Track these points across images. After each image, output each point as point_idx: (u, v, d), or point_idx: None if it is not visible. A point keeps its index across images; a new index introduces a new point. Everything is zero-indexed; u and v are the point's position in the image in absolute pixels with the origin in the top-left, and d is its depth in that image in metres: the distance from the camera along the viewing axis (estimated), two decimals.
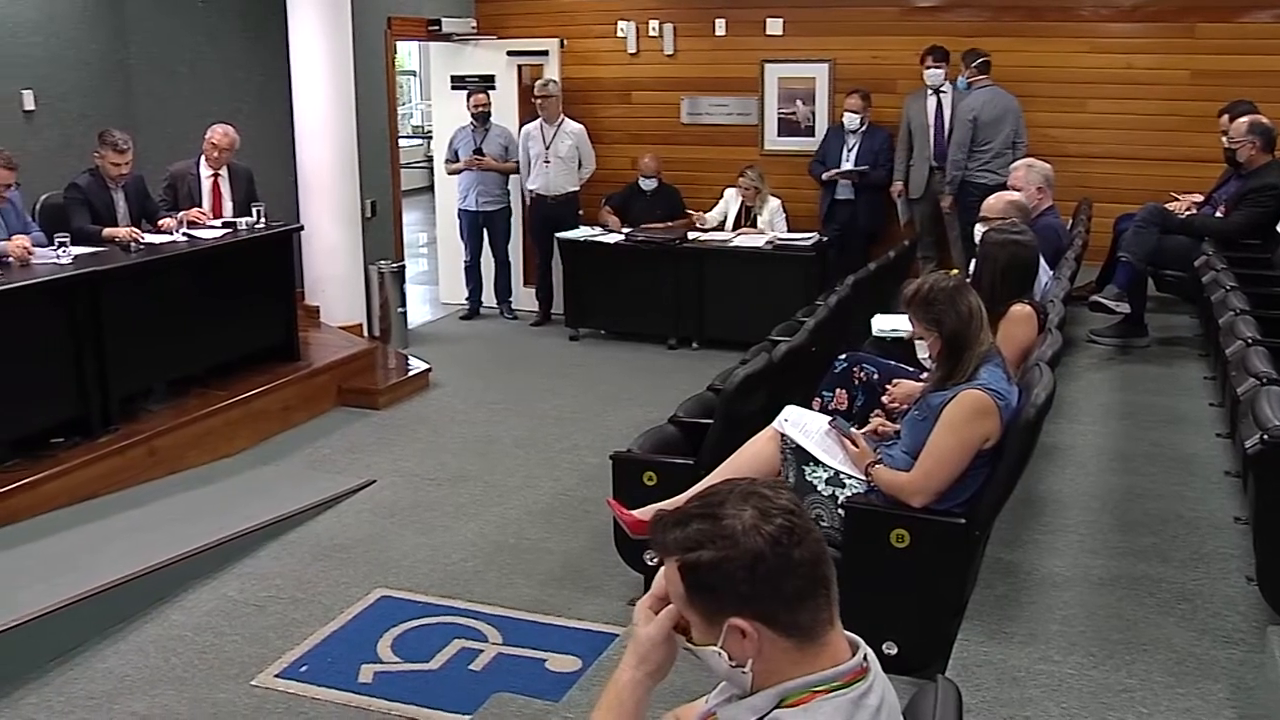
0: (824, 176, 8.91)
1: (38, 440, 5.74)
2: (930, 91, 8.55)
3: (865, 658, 1.77)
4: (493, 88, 9.77)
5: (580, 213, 9.42)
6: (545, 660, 4.43)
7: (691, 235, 8.87)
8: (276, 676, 4.33)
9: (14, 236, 6.11)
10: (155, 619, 4.76)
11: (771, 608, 1.70)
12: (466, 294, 9.88)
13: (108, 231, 6.53)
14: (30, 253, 6.02)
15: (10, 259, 5.95)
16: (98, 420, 5.96)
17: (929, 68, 8.45)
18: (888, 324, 5.61)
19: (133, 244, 6.41)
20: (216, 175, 7.37)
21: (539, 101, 9.26)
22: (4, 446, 5.64)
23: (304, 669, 4.38)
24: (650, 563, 4.55)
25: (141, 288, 6.25)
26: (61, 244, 6.06)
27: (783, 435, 3.90)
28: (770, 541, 1.68)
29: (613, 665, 3.62)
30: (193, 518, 5.57)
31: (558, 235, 9.15)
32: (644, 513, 3.80)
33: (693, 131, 9.74)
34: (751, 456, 3.92)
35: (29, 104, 7.66)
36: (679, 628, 1.82)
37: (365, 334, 8.40)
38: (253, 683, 4.29)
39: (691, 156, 9.64)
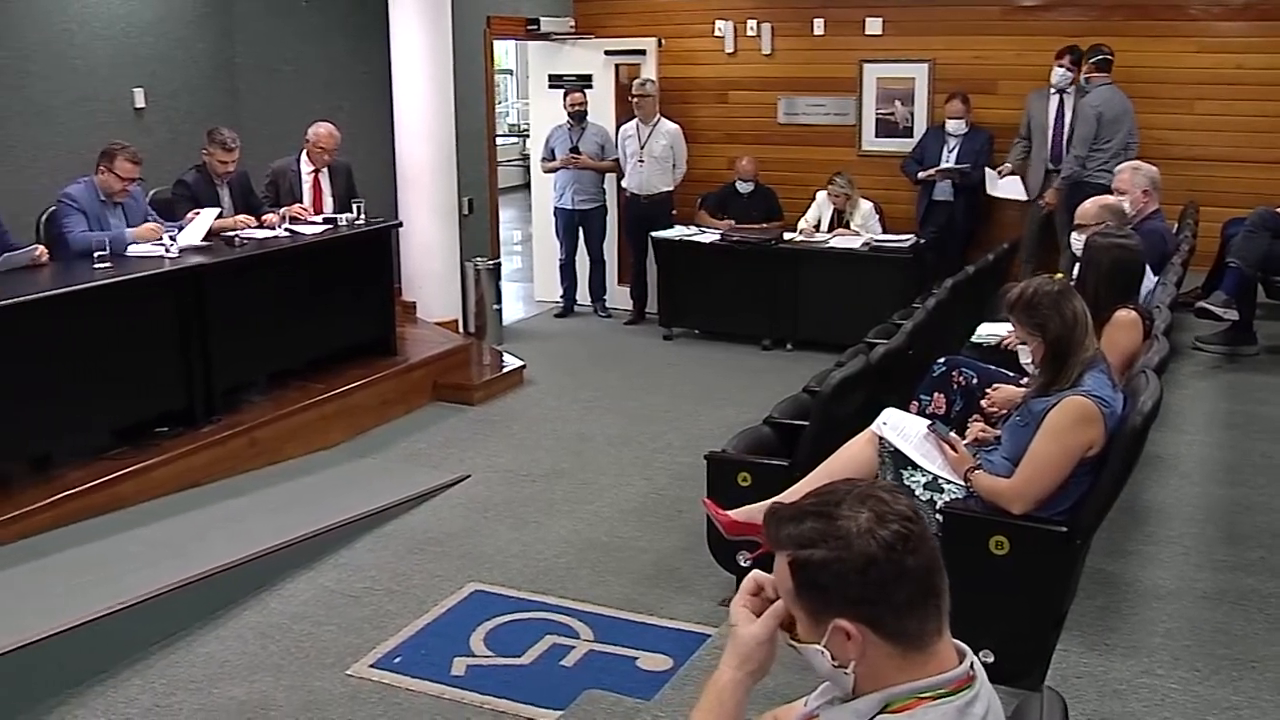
0: (920, 175, 8.81)
1: (144, 429, 5.89)
2: (1054, 91, 8.38)
3: (972, 666, 1.75)
4: (590, 87, 9.82)
5: (674, 212, 9.42)
6: (636, 659, 4.43)
7: (787, 236, 8.83)
8: (371, 666, 4.39)
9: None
10: (254, 606, 4.85)
11: (879, 613, 1.68)
12: (561, 292, 9.94)
13: (216, 224, 6.68)
14: (160, 232, 6.18)
15: (141, 244, 6.15)
16: (201, 411, 6.10)
17: (1058, 66, 8.27)
18: (988, 331, 5.54)
19: (236, 238, 6.54)
20: (318, 172, 7.50)
21: (636, 100, 9.29)
22: (111, 434, 5.80)
23: (398, 660, 4.44)
24: (743, 564, 4.53)
25: (245, 282, 6.37)
26: (172, 237, 6.21)
27: (880, 438, 3.86)
28: (884, 547, 1.66)
29: (705, 666, 3.62)
30: (291, 508, 5.67)
31: (652, 234, 9.16)
32: (740, 513, 3.79)
33: (789, 132, 9.69)
34: (849, 459, 3.89)
35: (140, 102, 7.86)
36: (783, 624, 1.81)
37: (461, 330, 8.47)
38: (347, 672, 4.35)
39: (787, 157, 9.58)
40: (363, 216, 7.21)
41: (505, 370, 7.98)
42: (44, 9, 7.28)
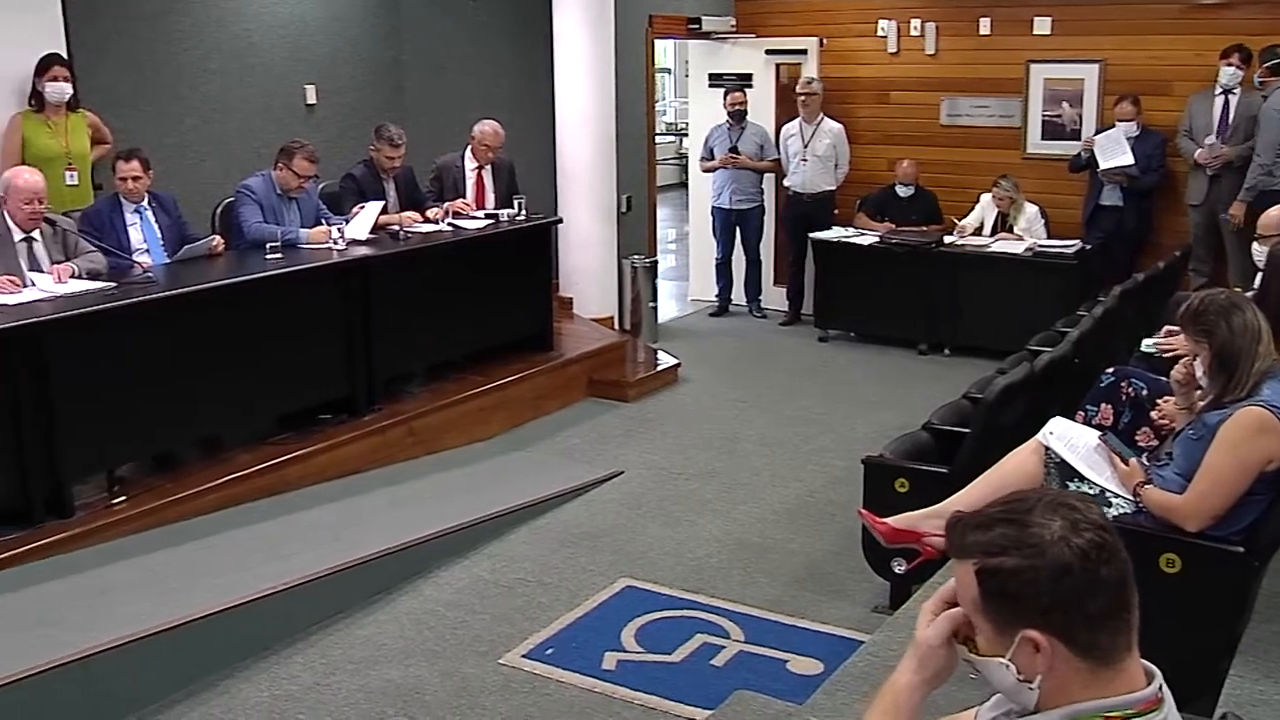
0: (1099, 171, 8.44)
1: (307, 416, 6.06)
2: (1219, 91, 8.06)
3: (1160, 688, 1.67)
4: (750, 86, 9.78)
5: (835, 212, 9.33)
6: (787, 661, 4.40)
7: (948, 239, 8.68)
8: (523, 656, 4.44)
9: (315, 227, 6.50)
10: (410, 592, 4.95)
11: (1071, 624, 1.61)
12: (716, 291, 9.92)
13: (381, 219, 6.84)
14: (328, 234, 6.37)
15: (313, 244, 6.34)
16: (363, 400, 6.25)
17: (1226, 65, 7.95)
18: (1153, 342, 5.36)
19: (401, 232, 6.68)
20: (481, 168, 7.62)
21: (802, 99, 9.21)
22: (277, 420, 5.98)
23: (549, 651, 4.48)
24: (898, 571, 4.46)
25: (408, 275, 6.50)
26: (340, 230, 6.39)
27: (1047, 448, 3.77)
28: (1079, 555, 1.60)
29: (857, 672, 3.58)
30: (448, 498, 5.78)
31: (811, 235, 9.10)
32: (899, 521, 3.73)
33: (951, 133, 9.50)
34: (1014, 468, 3.80)
35: (311, 98, 8.10)
36: (959, 636, 1.76)
37: (616, 327, 8.52)
38: (500, 661, 4.41)
39: (949, 159, 9.40)
40: (524, 213, 7.30)
41: (659, 368, 8.00)
42: (225, 11, 7.55)
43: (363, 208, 6.65)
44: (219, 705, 4.14)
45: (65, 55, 6.67)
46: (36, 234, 5.51)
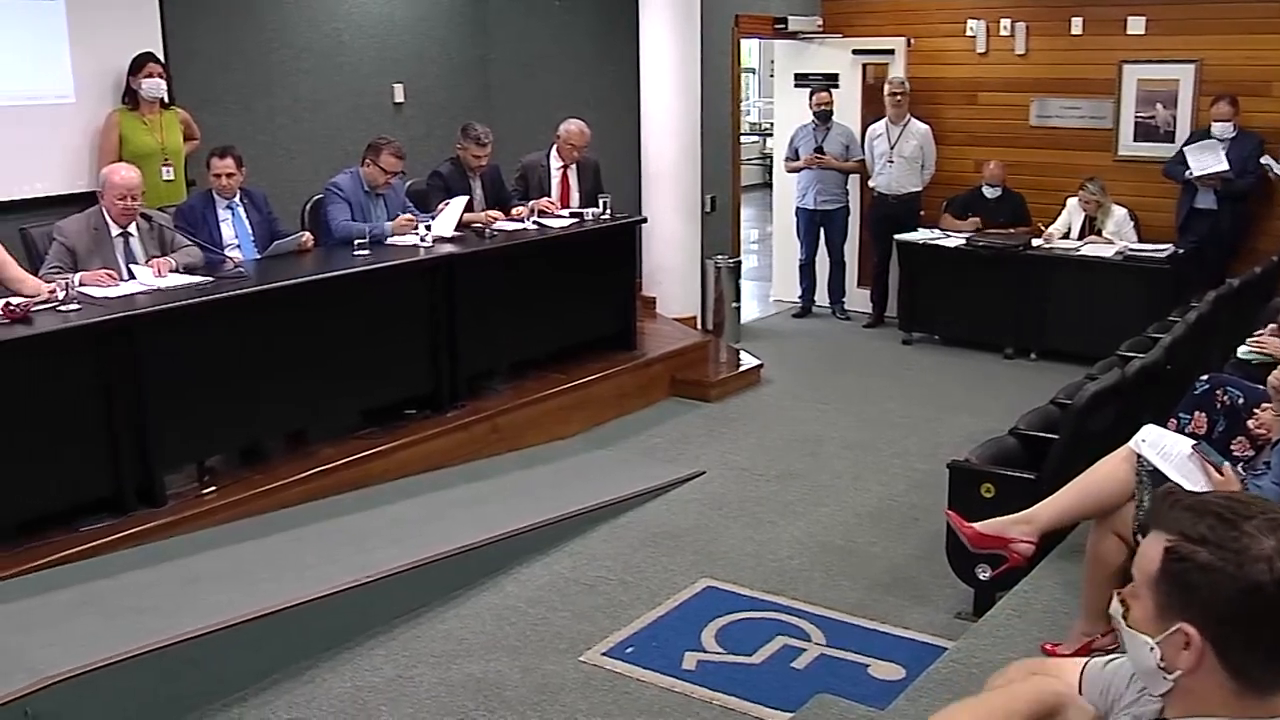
0: (1190, 176, 8.27)
1: (392, 411, 6.13)
2: None
3: None
4: (836, 86, 9.72)
5: (920, 214, 9.24)
6: (868, 666, 4.36)
7: (1035, 242, 8.55)
8: (603, 654, 4.45)
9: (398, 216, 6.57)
10: (492, 588, 4.98)
11: (1233, 642, 1.56)
12: (799, 292, 9.87)
13: (466, 216, 6.89)
14: (414, 222, 6.43)
15: (397, 235, 6.41)
16: (446, 396, 6.30)
17: None
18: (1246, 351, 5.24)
19: (486, 230, 6.72)
20: (566, 167, 7.65)
21: (896, 99, 9.13)
22: (361, 415, 6.05)
23: (630, 650, 4.48)
24: (983, 578, 4.42)
25: (493, 273, 6.54)
26: (427, 226, 6.45)
27: (1139, 456, 3.69)
28: (1276, 582, 1.53)
29: (941, 679, 3.54)
30: (530, 494, 5.80)
31: (896, 237, 9.02)
32: (986, 526, 3.68)
33: (1040, 135, 9.36)
34: (1104, 476, 3.73)
35: (399, 97, 8.20)
36: (1123, 598, 1.70)
37: (699, 327, 8.50)
38: (580, 658, 4.42)
39: (1037, 161, 9.27)
40: (608, 212, 7.31)
41: (742, 369, 7.97)
42: (317, 11, 7.66)
43: (448, 204, 6.70)
44: (302, 695, 4.19)
45: (161, 53, 6.83)
46: (133, 229, 5.63)
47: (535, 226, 7.02)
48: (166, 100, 6.51)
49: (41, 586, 4.43)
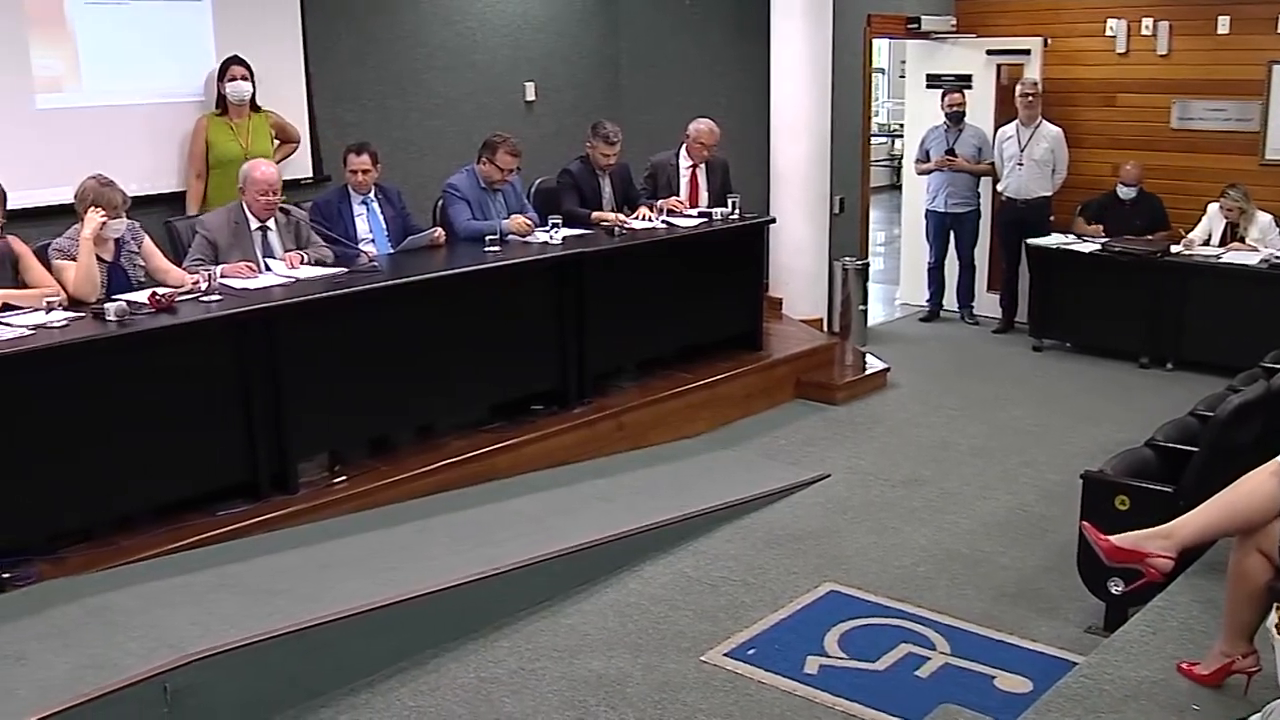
0: None
1: (519, 406, 6.19)
2: None
3: None
4: (969, 87, 9.56)
5: (1052, 218, 9.04)
6: (994, 678, 4.28)
7: (1174, 248, 8.31)
8: (724, 655, 4.44)
9: (514, 215, 6.62)
10: (615, 585, 5.00)
11: None
12: (927, 296, 9.74)
13: (595, 215, 6.94)
14: (531, 228, 6.50)
15: (512, 235, 6.45)
16: (573, 392, 6.35)
17: None
18: None
19: (616, 229, 6.75)
20: (696, 167, 7.65)
21: (1028, 99, 8.95)
22: (489, 409, 6.12)
23: (751, 651, 4.46)
24: (1115, 592, 4.32)
25: (621, 271, 6.57)
26: (555, 225, 6.50)
27: None
28: None
29: (1070, 694, 3.46)
30: (654, 493, 5.81)
31: (1027, 241, 8.84)
32: (1124, 539, 3.57)
33: (1181, 138, 9.10)
34: (1250, 491, 3.59)
35: (530, 95, 8.28)
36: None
37: (825, 329, 8.44)
38: (702, 658, 4.41)
39: (1178, 164, 9.02)
40: (737, 212, 7.29)
41: (868, 372, 7.89)
42: (451, 9, 7.77)
43: (556, 225, 6.64)
44: (427, 683, 4.25)
45: (301, 52, 7.00)
46: (271, 223, 5.78)
47: (664, 226, 7.03)
48: (255, 104, 6.52)
49: (181, 568, 4.57)
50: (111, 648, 3.92)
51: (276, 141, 6.66)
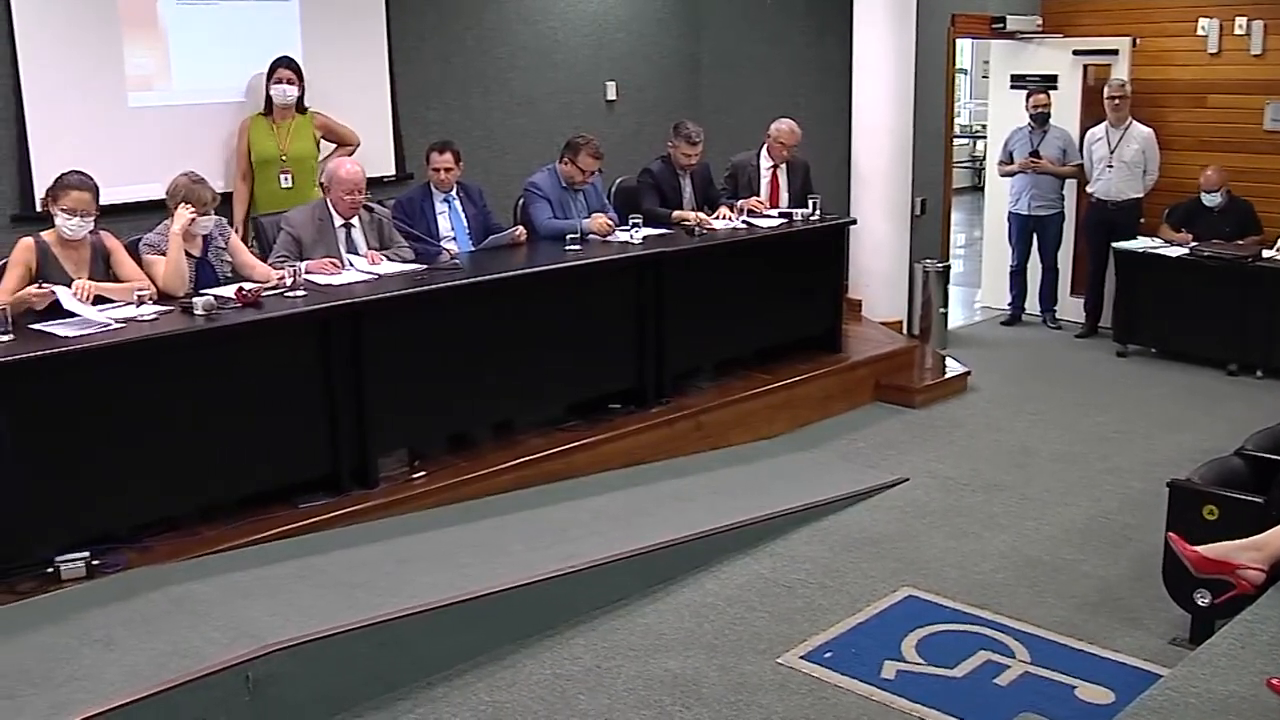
0: None
1: (597, 405, 6.20)
2: None
3: None
4: (1054, 88, 9.42)
5: (1141, 221, 8.89)
6: (1075, 688, 4.22)
7: (1266, 253, 8.13)
8: (801, 658, 4.41)
9: (594, 215, 6.64)
10: (692, 585, 4.99)
11: None
12: (1009, 299, 9.61)
13: (676, 214, 6.94)
14: (612, 228, 6.52)
15: (593, 235, 6.47)
16: (651, 392, 6.35)
17: None
18: None
19: (696, 229, 6.75)
20: (776, 167, 7.63)
21: (1114, 102, 8.81)
22: (567, 408, 6.14)
23: (828, 655, 4.43)
24: (1202, 604, 4.23)
25: (701, 271, 6.56)
26: (635, 224, 6.51)
27: None
28: None
29: (1154, 707, 3.39)
30: (732, 493, 5.80)
31: (1114, 244, 8.69)
32: (1212, 550, 3.51)
33: (1274, 140, 8.88)
34: None
35: (611, 95, 8.32)
36: None
37: (905, 331, 8.37)
38: (778, 660, 4.40)
39: (1270, 167, 8.81)
40: (817, 213, 7.25)
41: (948, 375, 7.81)
42: (533, 9, 7.82)
43: (636, 224, 6.63)
44: (503, 679, 4.28)
45: (386, 52, 7.07)
46: (354, 220, 5.85)
47: (744, 226, 7.01)
48: (303, 106, 6.52)
49: (262, 559, 4.64)
50: (195, 635, 3.99)
51: (327, 144, 6.66)
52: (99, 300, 4.85)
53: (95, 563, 4.43)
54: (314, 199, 6.20)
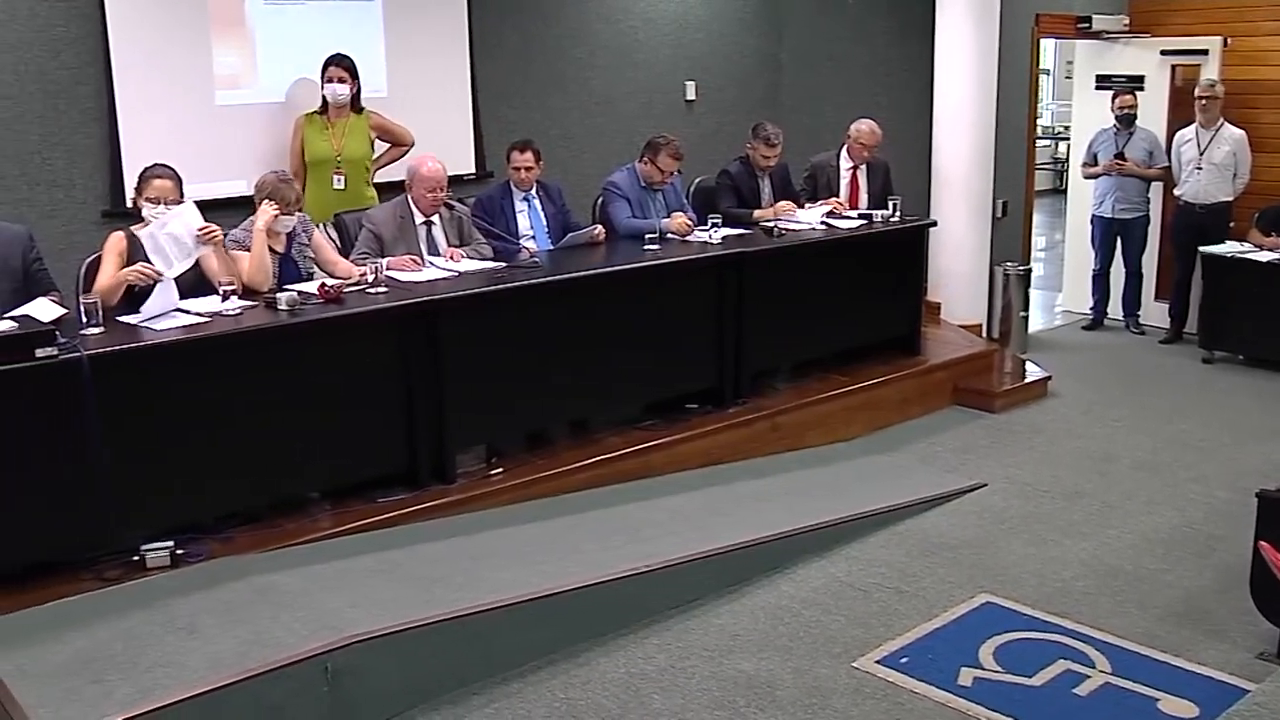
0: None
1: (674, 404, 6.20)
2: None
3: None
4: (1140, 88, 9.27)
5: (1231, 225, 8.71)
6: (1158, 700, 4.13)
7: None
8: (876, 662, 4.37)
9: (673, 214, 6.64)
10: (767, 587, 4.96)
11: None
12: (1091, 303, 9.46)
13: (756, 214, 6.93)
14: (691, 228, 6.52)
15: (672, 234, 6.48)
16: (729, 392, 6.34)
17: None
18: None
19: (775, 229, 6.72)
20: (856, 168, 7.57)
21: (1203, 103, 8.64)
22: (644, 407, 6.14)
23: (904, 660, 4.39)
24: None
25: (780, 271, 6.53)
26: (714, 224, 6.50)
27: None
28: None
29: None
30: (808, 495, 5.78)
31: (1201, 249, 8.52)
32: None
33: None
34: None
35: (690, 94, 8.33)
36: None
37: (984, 335, 8.28)
38: (853, 664, 4.36)
39: None
40: (897, 214, 7.20)
41: (1028, 380, 7.70)
42: (613, 9, 7.84)
43: (715, 224, 6.63)
44: (578, 676, 4.29)
45: (467, 50, 7.11)
46: (435, 218, 5.90)
47: (823, 227, 6.97)
48: (358, 105, 6.42)
49: (341, 552, 4.69)
50: (275, 626, 4.04)
51: (382, 144, 6.61)
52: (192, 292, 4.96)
53: (179, 552, 4.51)
54: (366, 200, 6.31)
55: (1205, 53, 9.18)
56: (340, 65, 6.32)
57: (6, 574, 4.29)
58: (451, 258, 5.79)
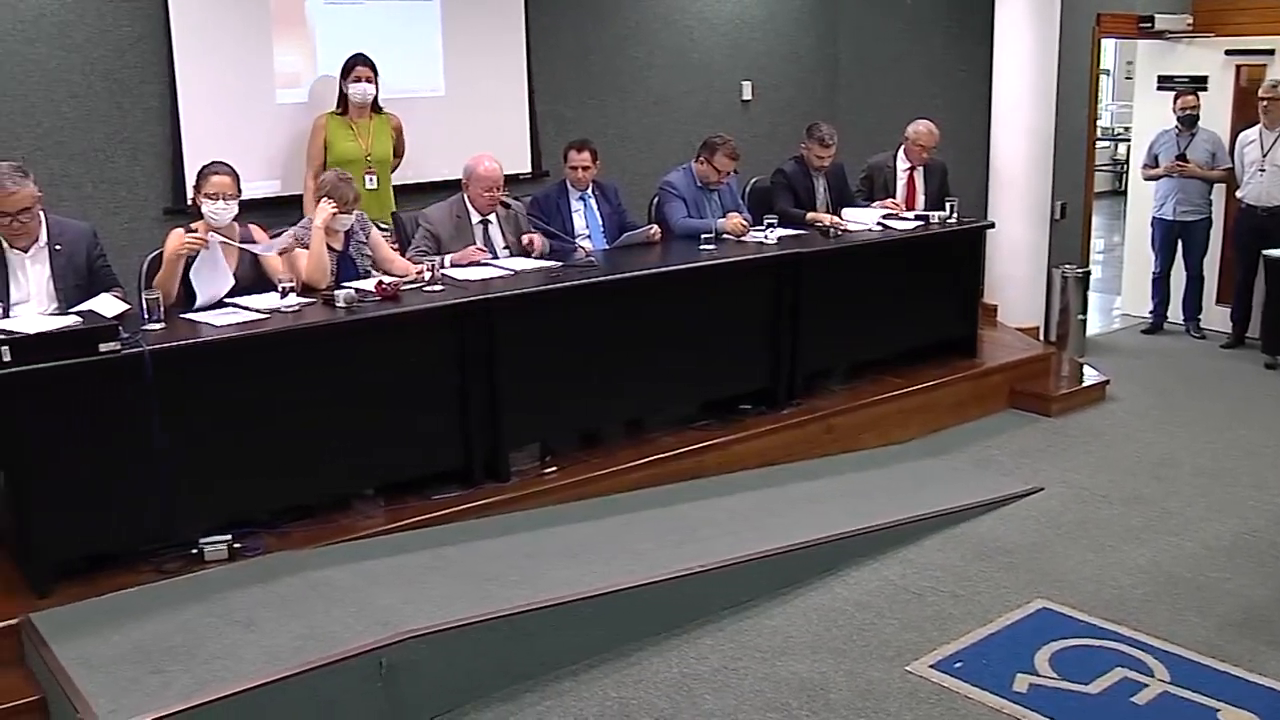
0: None
1: (728, 405, 6.19)
2: None
3: None
4: (1203, 89, 9.14)
5: None
6: (1218, 711, 4.07)
7: None
8: (930, 667, 4.35)
9: (729, 214, 6.63)
10: (820, 588, 4.95)
11: None
12: (1151, 307, 9.34)
13: (811, 215, 6.90)
14: (747, 228, 6.51)
15: (728, 235, 6.47)
16: (783, 393, 6.33)
17: None
18: None
19: (831, 230, 6.69)
20: (913, 169, 7.52)
21: (1265, 104, 8.51)
22: (699, 407, 6.14)
23: (958, 665, 4.36)
24: None
25: (836, 272, 6.51)
26: (770, 225, 6.49)
27: None
28: None
29: None
30: (863, 497, 5.74)
31: (1265, 252, 8.39)
32: None
33: None
34: None
35: (747, 94, 8.32)
36: None
37: (1041, 338, 8.20)
38: (907, 668, 4.34)
39: None
40: (955, 215, 7.14)
41: (1086, 384, 7.61)
42: (670, 9, 7.84)
43: (771, 225, 6.62)
44: (630, 675, 4.30)
45: (524, 50, 7.13)
46: (491, 216, 5.93)
47: (879, 228, 6.93)
48: (378, 105, 6.34)
49: (396, 548, 4.73)
50: (330, 620, 4.08)
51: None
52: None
53: (236, 546, 4.56)
54: (391, 201, 6.33)
55: (1271, 53, 9.04)
56: (366, 64, 6.24)
57: (69, 566, 4.36)
58: (532, 244, 5.85)
